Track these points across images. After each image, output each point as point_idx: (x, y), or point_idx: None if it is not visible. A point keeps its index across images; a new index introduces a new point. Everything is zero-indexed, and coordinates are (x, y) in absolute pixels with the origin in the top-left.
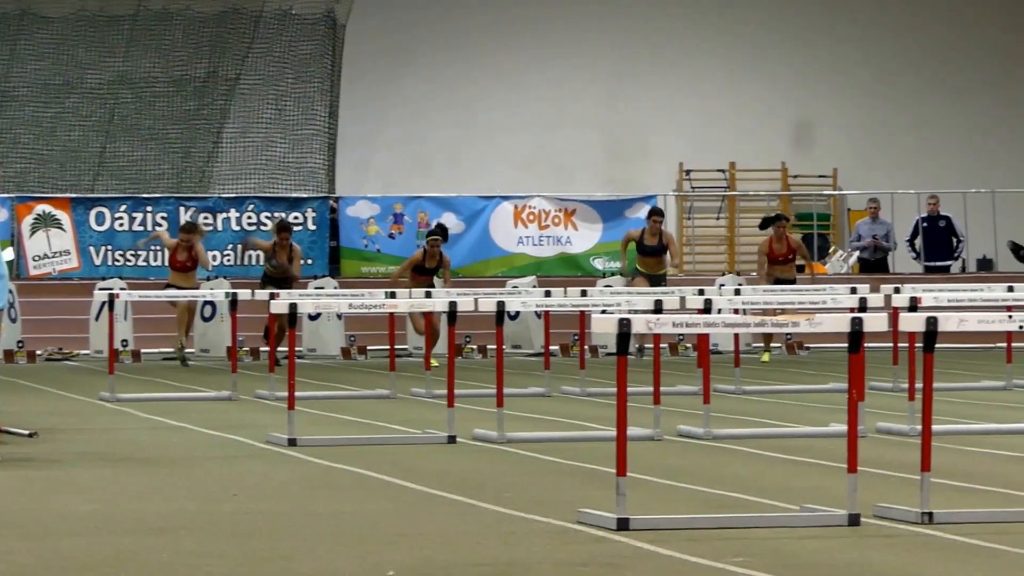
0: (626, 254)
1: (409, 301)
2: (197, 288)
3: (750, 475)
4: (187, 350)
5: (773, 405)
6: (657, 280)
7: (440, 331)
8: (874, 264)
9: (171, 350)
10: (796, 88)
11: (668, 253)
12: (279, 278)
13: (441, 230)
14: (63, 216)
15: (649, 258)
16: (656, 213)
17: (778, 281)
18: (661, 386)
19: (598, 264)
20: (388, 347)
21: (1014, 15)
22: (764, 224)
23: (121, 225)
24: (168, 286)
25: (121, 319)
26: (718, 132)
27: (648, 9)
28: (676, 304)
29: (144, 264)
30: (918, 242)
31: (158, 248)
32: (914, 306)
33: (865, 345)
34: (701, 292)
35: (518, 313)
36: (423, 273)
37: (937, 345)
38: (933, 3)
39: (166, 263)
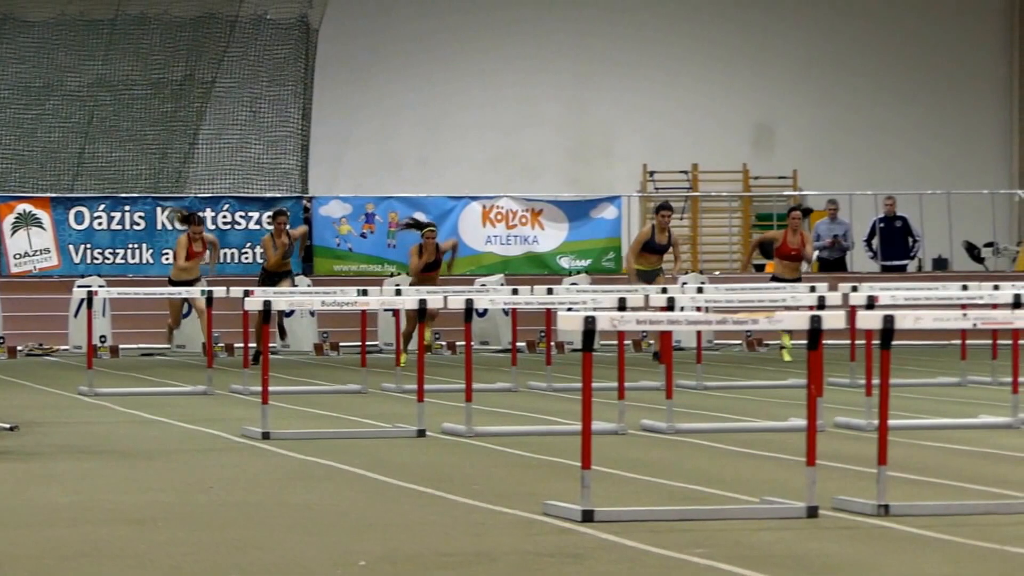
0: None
1: (380, 299)
2: (198, 279)
3: (711, 468)
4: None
5: (734, 400)
6: (650, 276)
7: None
8: (832, 263)
9: (151, 346)
10: (757, 92)
11: (673, 254)
12: (277, 272)
13: (420, 223)
14: (43, 215)
15: (653, 255)
16: (665, 208)
17: (783, 283)
18: (625, 382)
19: (564, 263)
20: (360, 343)
21: (968, 23)
22: (806, 213)
23: (100, 224)
24: (173, 283)
25: (99, 315)
26: (681, 135)
27: (612, 15)
28: (640, 301)
29: (122, 262)
30: (875, 242)
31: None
32: (871, 304)
33: (823, 342)
34: (664, 290)
35: (486, 310)
36: (425, 268)
37: (893, 342)
38: (890, 11)
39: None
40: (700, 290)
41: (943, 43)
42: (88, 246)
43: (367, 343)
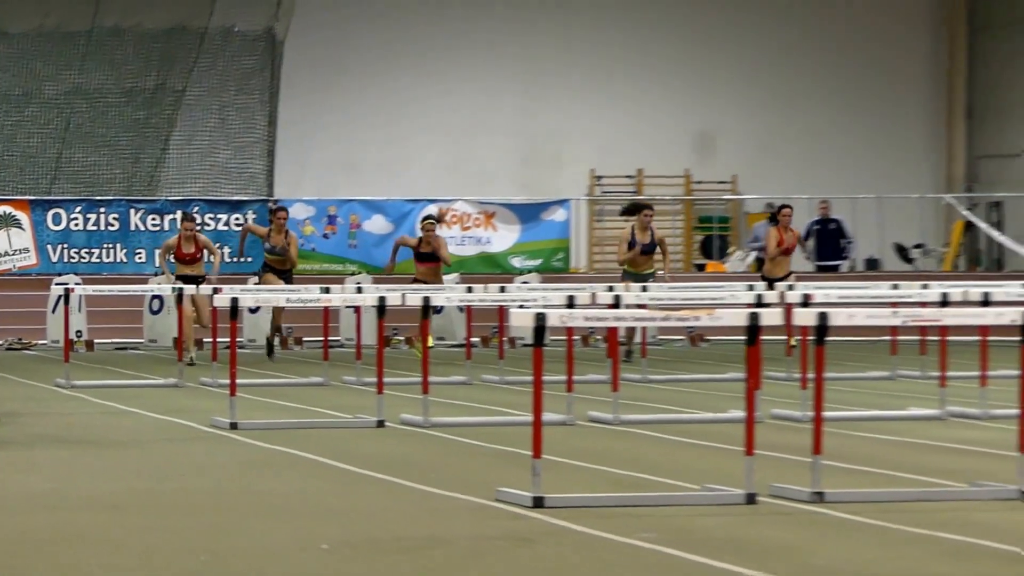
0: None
1: (342, 296)
2: (202, 278)
3: (656, 457)
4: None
5: (677, 393)
6: (643, 279)
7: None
8: None
9: (124, 340)
10: (698, 101)
11: (660, 252)
12: (279, 269)
13: (435, 217)
14: (23, 216)
15: (640, 256)
16: (647, 207)
17: (772, 282)
18: (573, 375)
19: (516, 262)
20: (322, 338)
21: (898, 38)
22: (772, 218)
23: (76, 225)
24: (178, 278)
25: (76, 311)
26: (626, 141)
27: (560, 28)
28: (587, 299)
29: (97, 261)
30: (810, 243)
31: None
32: (807, 302)
33: (761, 338)
34: (610, 288)
35: (442, 307)
36: (424, 260)
37: (828, 338)
38: (823, 25)
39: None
40: (645, 288)
41: (875, 56)
42: (65, 246)
43: (329, 338)
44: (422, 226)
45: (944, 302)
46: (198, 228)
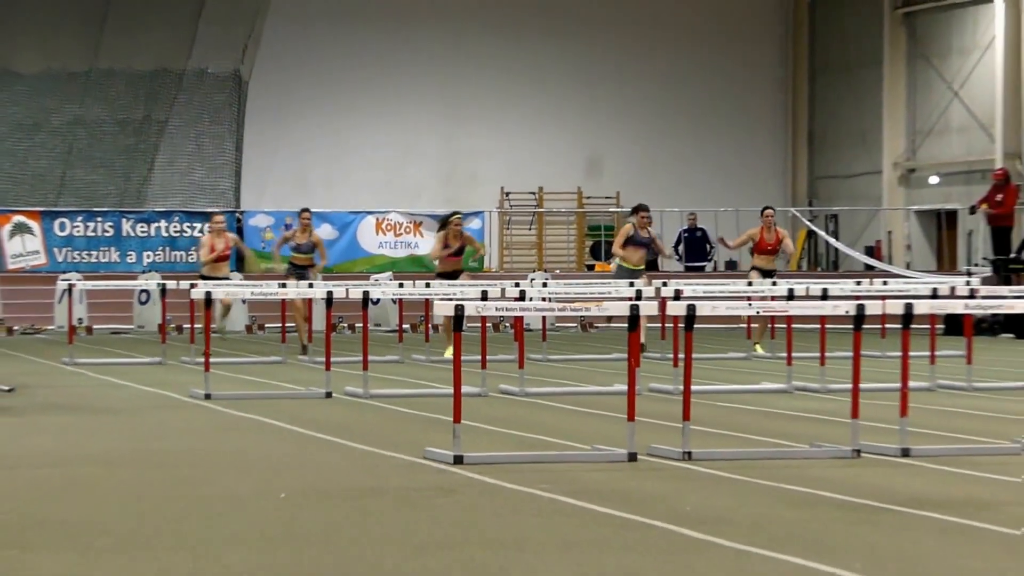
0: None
1: (296, 291)
2: (228, 278)
3: (554, 423)
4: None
5: (571, 370)
6: (636, 274)
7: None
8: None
9: (118, 326)
10: (588, 130)
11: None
12: (303, 266)
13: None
14: (34, 225)
15: (640, 249)
16: (644, 209)
17: (762, 272)
18: (487, 355)
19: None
20: (281, 325)
21: (751, 78)
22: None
23: (78, 232)
24: (203, 278)
25: (78, 302)
26: (530, 163)
27: (475, 69)
28: (498, 293)
29: (95, 261)
30: (681, 248)
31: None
32: (678, 296)
33: (641, 325)
34: (517, 284)
35: (379, 299)
36: (450, 255)
37: (695, 325)
38: (690, 68)
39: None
40: (545, 284)
41: (733, 93)
42: (69, 248)
43: (286, 325)
44: (451, 221)
45: (790, 296)
46: (224, 225)
